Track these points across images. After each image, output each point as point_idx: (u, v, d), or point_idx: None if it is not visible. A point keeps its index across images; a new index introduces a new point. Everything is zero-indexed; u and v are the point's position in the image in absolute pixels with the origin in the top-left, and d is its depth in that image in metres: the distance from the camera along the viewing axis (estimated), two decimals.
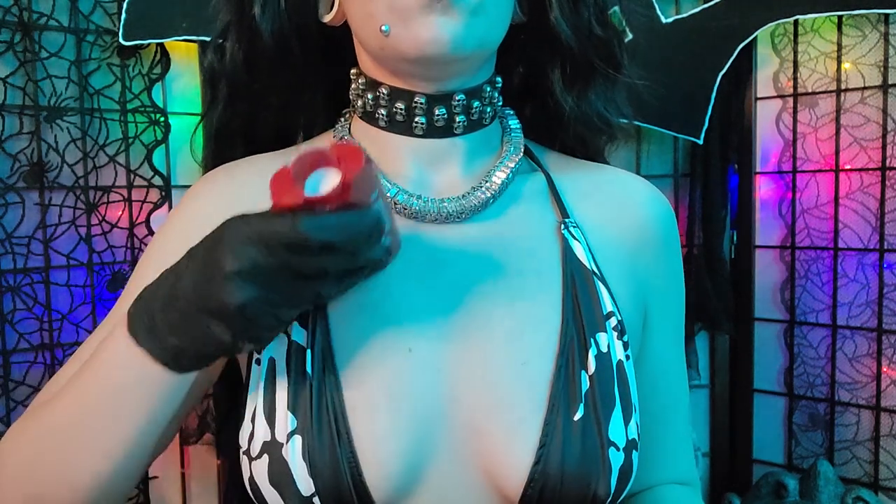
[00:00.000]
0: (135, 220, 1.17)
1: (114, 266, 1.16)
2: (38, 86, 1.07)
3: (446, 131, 0.61)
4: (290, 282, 0.46)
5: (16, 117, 1.07)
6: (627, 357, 0.59)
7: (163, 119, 1.18)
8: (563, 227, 0.61)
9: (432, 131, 0.60)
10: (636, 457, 0.57)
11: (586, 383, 0.55)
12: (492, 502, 0.55)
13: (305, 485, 0.52)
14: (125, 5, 1.09)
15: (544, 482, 0.52)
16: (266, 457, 0.53)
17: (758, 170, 1.36)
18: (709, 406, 1.43)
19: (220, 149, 0.71)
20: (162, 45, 1.16)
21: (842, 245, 1.28)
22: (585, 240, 0.61)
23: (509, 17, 0.60)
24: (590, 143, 0.71)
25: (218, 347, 0.48)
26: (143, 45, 1.13)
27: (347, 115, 0.67)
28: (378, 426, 0.53)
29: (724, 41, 1.27)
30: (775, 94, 1.33)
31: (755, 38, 1.28)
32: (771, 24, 1.25)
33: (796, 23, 1.28)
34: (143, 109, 1.17)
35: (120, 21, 1.10)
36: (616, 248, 0.63)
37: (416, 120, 0.60)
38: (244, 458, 0.56)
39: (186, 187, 1.21)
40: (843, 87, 1.26)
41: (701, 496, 0.71)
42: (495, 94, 0.63)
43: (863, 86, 1.24)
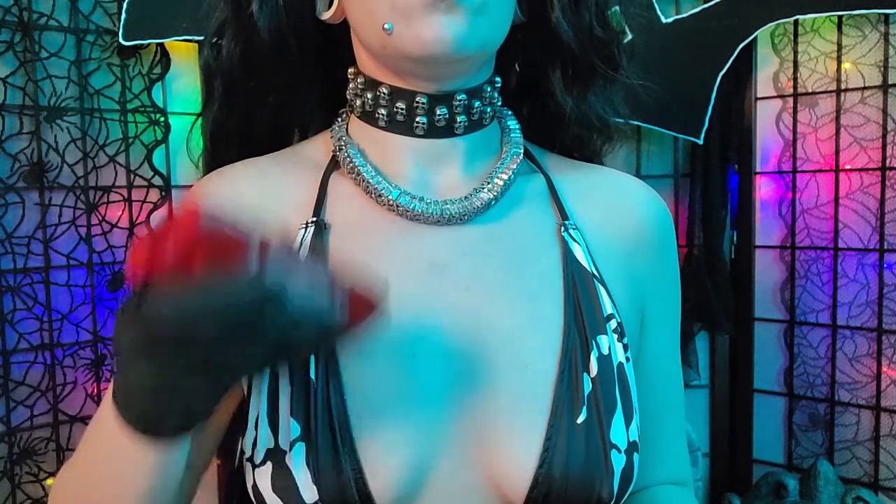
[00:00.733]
0: (135, 220, 1.17)
1: (114, 266, 1.16)
2: (38, 86, 1.07)
3: (447, 131, 0.60)
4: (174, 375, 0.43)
5: (16, 117, 1.07)
6: (627, 359, 0.59)
7: (163, 119, 1.18)
8: (563, 229, 0.61)
9: (433, 131, 0.60)
10: (637, 459, 0.57)
11: (589, 386, 0.55)
12: None
13: (309, 492, 0.52)
14: (125, 5, 1.09)
15: (549, 486, 0.52)
16: (269, 464, 0.53)
17: (758, 170, 1.36)
18: (709, 406, 1.43)
19: (217, 149, 0.70)
20: (162, 45, 1.16)
21: (842, 245, 1.28)
22: (585, 242, 0.61)
23: (511, 18, 0.60)
24: (587, 145, 0.71)
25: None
26: (143, 45, 1.13)
27: (344, 115, 0.66)
28: (382, 434, 0.53)
29: (724, 41, 1.27)
30: (775, 94, 1.33)
31: (755, 38, 1.28)
32: (771, 24, 1.25)
33: (796, 23, 1.28)
34: (143, 109, 1.17)
35: (120, 21, 1.10)
36: (613, 250, 0.63)
37: (417, 120, 0.59)
38: (248, 465, 0.55)
39: (186, 187, 1.21)
40: (843, 87, 1.26)
41: (694, 496, 0.71)
42: (495, 94, 0.63)
43: (863, 86, 1.24)
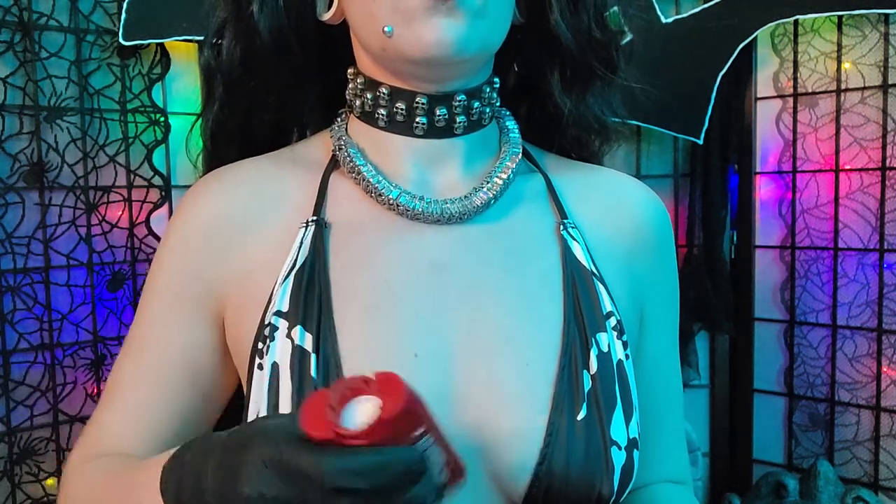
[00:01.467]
0: (135, 220, 1.17)
1: (114, 266, 1.16)
2: (38, 86, 1.07)
3: (446, 132, 0.61)
4: None
5: (16, 117, 1.07)
6: (627, 357, 0.59)
7: (163, 119, 1.18)
8: (562, 227, 0.61)
9: (433, 132, 0.60)
10: (637, 456, 0.57)
11: (589, 383, 0.55)
12: (496, 503, 0.55)
13: None
14: (125, 5, 1.09)
15: (549, 482, 0.52)
16: None
17: (758, 170, 1.36)
18: (709, 406, 1.43)
19: (217, 149, 0.70)
20: (162, 45, 1.16)
21: (842, 245, 1.28)
22: (584, 240, 0.62)
23: (510, 19, 0.60)
24: (586, 146, 0.72)
25: None
26: (143, 45, 1.13)
27: (343, 115, 0.66)
28: None
29: (724, 41, 1.27)
30: (775, 94, 1.33)
31: (755, 38, 1.28)
32: (771, 24, 1.25)
33: (796, 23, 1.28)
34: (143, 109, 1.17)
35: (120, 21, 1.10)
36: (612, 249, 0.63)
37: (417, 120, 0.60)
38: None
39: (186, 187, 1.21)
40: (843, 87, 1.26)
41: (694, 496, 0.71)
42: (494, 94, 0.63)
43: (863, 86, 1.24)
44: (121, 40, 1.10)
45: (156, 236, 1.18)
